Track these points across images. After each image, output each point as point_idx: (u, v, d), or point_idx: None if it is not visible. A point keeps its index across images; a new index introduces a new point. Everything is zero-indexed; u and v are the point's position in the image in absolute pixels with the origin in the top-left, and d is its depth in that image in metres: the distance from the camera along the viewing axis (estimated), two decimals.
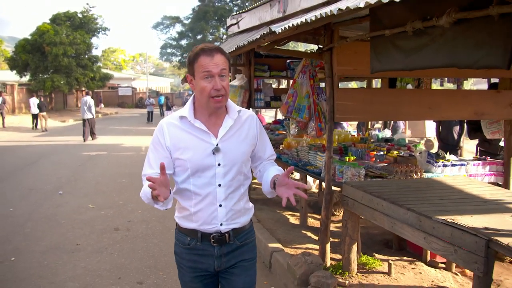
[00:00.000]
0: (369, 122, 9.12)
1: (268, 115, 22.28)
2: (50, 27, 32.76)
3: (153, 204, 2.24)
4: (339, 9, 2.77)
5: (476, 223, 3.04)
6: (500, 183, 5.42)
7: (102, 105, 42.73)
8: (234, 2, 41.93)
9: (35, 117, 23.80)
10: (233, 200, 2.36)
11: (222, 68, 2.19)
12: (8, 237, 5.94)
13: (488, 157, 5.77)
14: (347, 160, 5.73)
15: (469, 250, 2.87)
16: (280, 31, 3.65)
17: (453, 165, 5.28)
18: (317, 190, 7.91)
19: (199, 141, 2.29)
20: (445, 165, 5.23)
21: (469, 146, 10.43)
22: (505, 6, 2.24)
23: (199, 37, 41.16)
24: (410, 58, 3.27)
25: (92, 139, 18.33)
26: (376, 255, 5.17)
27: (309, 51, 5.32)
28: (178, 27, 43.98)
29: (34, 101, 23.45)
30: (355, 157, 6.12)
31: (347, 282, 4.43)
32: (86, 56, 35.74)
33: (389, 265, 4.72)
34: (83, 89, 38.12)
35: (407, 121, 10.76)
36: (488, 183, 5.25)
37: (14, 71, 33.21)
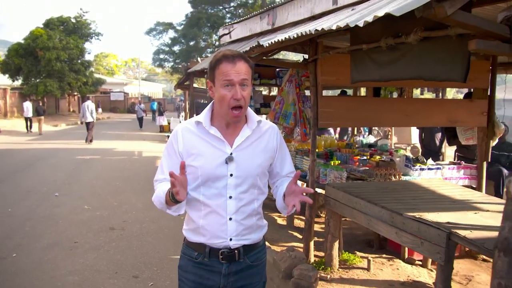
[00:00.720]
0: (355, 129, 9.51)
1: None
2: (44, 31, 32.94)
3: (166, 209, 2.20)
4: (316, 30, 3.13)
5: (440, 218, 3.40)
6: (474, 186, 5.80)
7: (100, 110, 42.92)
8: (227, 9, 42.33)
9: (28, 120, 24.13)
10: (244, 215, 2.23)
11: (243, 77, 2.10)
12: (9, 235, 6.22)
13: (463, 162, 6.15)
14: (332, 164, 6.08)
15: (433, 242, 3.23)
16: (267, 45, 4.01)
17: (429, 168, 5.65)
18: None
19: (213, 149, 2.20)
20: (422, 169, 5.60)
21: (451, 152, 10.81)
22: (461, 28, 2.60)
23: (192, 43, 41.46)
24: (384, 70, 3.64)
25: (90, 143, 18.83)
26: (358, 253, 5.52)
27: (297, 61, 5.64)
28: (171, 33, 44.23)
29: (27, 105, 23.85)
30: (339, 161, 6.48)
31: (328, 276, 4.78)
32: (79, 61, 35.91)
33: (368, 261, 5.07)
34: (75, 93, 38.38)
35: (393, 128, 11.13)
36: (462, 185, 5.63)
37: (7, 75, 33.26)
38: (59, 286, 4.59)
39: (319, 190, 5.75)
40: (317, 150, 7.09)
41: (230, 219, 2.19)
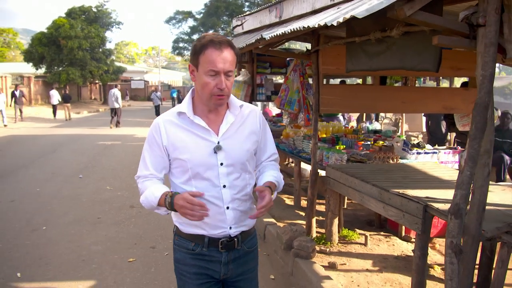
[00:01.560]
0: (364, 116, 9.89)
1: (276, 108, 23.03)
2: (66, 21, 33.71)
3: (155, 210, 2.19)
4: (309, 26, 3.54)
5: (421, 194, 3.80)
6: None
7: (128, 97, 43.78)
8: None
9: (54, 107, 25.60)
10: (240, 201, 2.23)
11: (229, 66, 2.04)
12: (38, 211, 6.80)
13: (459, 147, 6.51)
14: (338, 149, 6.50)
15: (412, 214, 3.64)
16: (268, 38, 4.43)
17: (426, 153, 6.04)
18: None
19: (199, 139, 2.16)
20: (418, 153, 5.99)
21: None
22: (424, 26, 2.99)
23: (210, 31, 41.73)
24: (373, 60, 4.04)
25: (116, 127, 20.35)
26: (357, 230, 5.94)
27: (302, 51, 6.04)
28: (190, 22, 44.52)
29: (53, 93, 25.51)
30: (344, 146, 6.90)
31: (328, 249, 5.22)
32: (100, 50, 36.68)
33: (366, 237, 5.50)
34: (97, 81, 39.18)
35: (403, 116, 11.44)
36: (457, 169, 6.00)
37: (31, 64, 34.16)
38: (84, 254, 5.13)
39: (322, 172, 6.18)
40: (324, 135, 7.58)
41: (228, 208, 2.18)
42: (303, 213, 6.76)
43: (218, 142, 2.16)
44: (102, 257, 5.07)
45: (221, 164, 2.16)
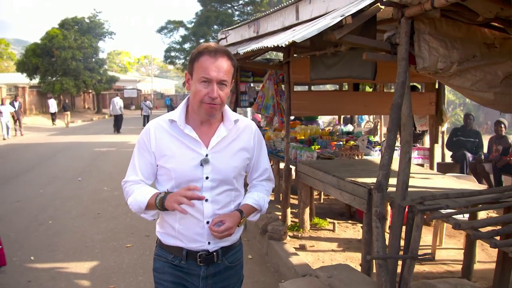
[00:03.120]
0: (341, 119, 10.71)
1: None
2: (59, 32, 34.39)
3: (142, 214, 2.16)
4: (264, 46, 4.34)
5: (370, 181, 4.58)
6: (427, 165, 6.97)
7: (134, 107, 44.65)
8: (235, 7, 43.41)
9: (53, 115, 27.75)
10: None
11: (223, 77, 1.99)
12: (43, 210, 7.55)
13: (418, 145, 7.32)
14: (312, 148, 7.28)
15: (360, 196, 4.42)
16: (242, 53, 5.23)
17: None
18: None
19: (187, 150, 2.10)
20: (380, 150, 6.78)
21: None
22: (352, 46, 3.79)
23: (201, 41, 42.55)
24: (329, 71, 4.84)
25: (119, 132, 22.34)
26: (328, 219, 6.71)
27: (275, 62, 6.84)
28: (182, 31, 45.23)
29: (52, 102, 27.70)
30: (319, 146, 7.68)
31: (300, 235, 6.00)
32: (93, 60, 37.36)
33: (334, 224, 6.28)
34: (90, 91, 39.82)
35: (382, 118, 12.25)
36: (416, 164, 6.80)
37: (24, 74, 34.71)
38: (87, 242, 5.89)
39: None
40: (302, 137, 8.37)
41: (207, 222, 2.11)
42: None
43: (206, 155, 2.10)
44: (103, 244, 5.83)
45: (207, 178, 2.10)
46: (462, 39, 3.48)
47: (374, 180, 4.65)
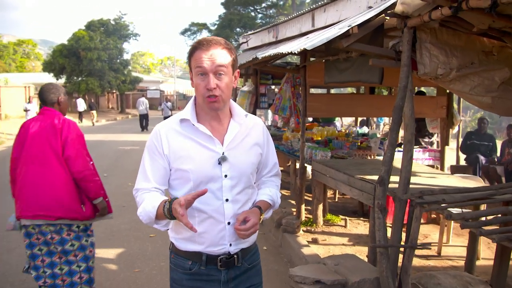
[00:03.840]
0: (358, 121, 11.02)
1: None
2: (85, 33, 35.32)
3: (153, 224, 2.06)
4: (279, 52, 4.71)
5: (376, 178, 4.89)
6: (438, 166, 7.24)
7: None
8: (258, 10, 43.82)
9: (80, 114, 29.20)
10: None
11: (218, 65, 1.95)
12: None
13: (429, 146, 7.59)
14: (328, 149, 7.62)
15: (368, 192, 4.74)
16: (261, 58, 5.60)
17: (399, 151, 7.11)
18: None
19: (203, 149, 2.05)
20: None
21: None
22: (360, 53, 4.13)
23: None
24: (341, 75, 5.19)
25: (147, 130, 23.30)
26: (341, 216, 7.04)
27: (293, 66, 7.20)
28: (205, 33, 45.72)
29: (80, 101, 29.39)
30: (335, 147, 8.01)
31: (313, 229, 6.34)
32: (118, 61, 38.22)
33: (346, 220, 6.61)
34: (114, 91, 40.67)
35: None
36: (427, 165, 7.07)
37: (51, 74, 35.71)
38: (114, 230, 6.35)
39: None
40: (319, 138, 8.70)
41: (229, 223, 2.07)
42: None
43: (223, 153, 2.06)
44: (128, 232, 6.27)
45: (225, 176, 2.06)
46: (462, 47, 3.79)
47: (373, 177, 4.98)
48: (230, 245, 2.11)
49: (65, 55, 34.65)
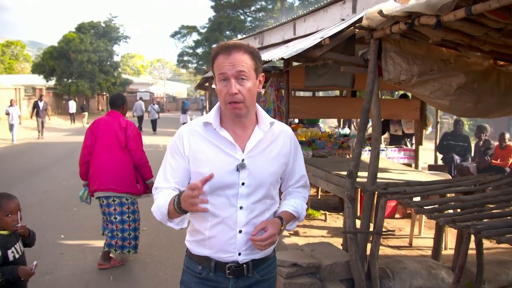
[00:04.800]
0: (341, 122, 11.55)
1: None
2: (76, 35, 35.55)
3: (167, 222, 2.03)
4: (268, 59, 5.17)
5: None
6: (412, 164, 7.76)
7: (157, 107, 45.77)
8: (248, 14, 44.29)
9: (72, 115, 30.35)
10: None
11: (239, 69, 1.91)
12: (68, 198, 8.45)
13: (404, 146, 8.11)
14: (310, 148, 8.11)
15: (342, 186, 5.22)
16: None
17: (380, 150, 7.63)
18: None
19: (223, 154, 2.03)
20: (369, 150, 7.57)
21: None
22: (331, 61, 4.62)
23: (214, 46, 43.25)
24: (319, 80, 5.68)
25: (141, 131, 23.44)
26: (321, 211, 7.51)
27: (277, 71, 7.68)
28: (195, 36, 45.96)
29: (71, 104, 30.07)
30: (318, 147, 8.50)
31: None
32: (108, 63, 38.47)
33: (325, 215, 7.09)
34: (104, 93, 40.88)
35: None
36: (402, 163, 7.58)
37: (41, 76, 35.98)
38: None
39: None
40: (303, 139, 9.19)
41: (240, 231, 2.03)
42: None
43: (243, 160, 2.02)
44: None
45: (243, 184, 2.02)
46: (422, 56, 4.29)
47: (360, 174, 5.46)
48: (239, 254, 2.06)
49: (55, 57, 34.88)
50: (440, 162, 9.85)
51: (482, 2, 2.75)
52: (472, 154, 9.75)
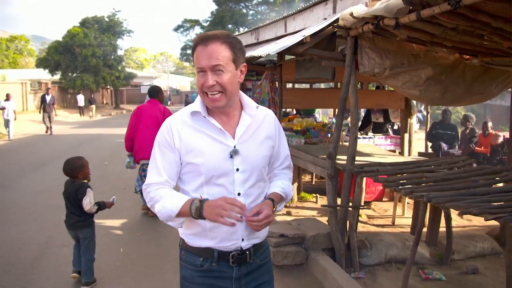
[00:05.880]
0: (334, 112, 12.09)
1: None
2: (80, 30, 35.98)
3: (170, 222, 2.06)
4: (259, 55, 5.75)
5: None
6: (399, 151, 8.34)
7: (170, 102, 46.67)
8: (250, 7, 44.68)
9: (81, 109, 31.13)
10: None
11: (215, 64, 1.90)
12: None
13: (391, 133, 8.68)
14: (302, 136, 8.69)
15: (326, 168, 5.81)
16: None
17: (364, 137, 8.21)
18: None
19: (214, 142, 2.03)
20: (358, 138, 8.14)
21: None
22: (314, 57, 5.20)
23: None
24: (307, 72, 6.25)
25: None
26: (314, 194, 8.10)
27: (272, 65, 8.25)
28: (198, 30, 46.30)
29: (80, 97, 30.96)
30: (311, 136, 9.08)
31: (288, 205, 7.40)
32: (112, 57, 38.90)
33: (317, 197, 7.69)
34: (108, 87, 41.44)
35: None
36: (389, 150, 8.16)
37: (47, 70, 36.48)
38: (119, 207, 7.31)
39: None
40: (299, 128, 9.77)
41: (241, 217, 1.96)
42: None
43: (235, 146, 2.03)
44: (130, 208, 7.35)
45: (237, 170, 2.04)
46: (394, 51, 4.85)
47: (343, 157, 6.05)
48: (243, 240, 2.09)
49: (60, 51, 35.33)
50: (430, 150, 10.40)
51: (428, 8, 3.32)
52: (459, 142, 10.29)
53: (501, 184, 4.65)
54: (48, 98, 19.99)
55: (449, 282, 4.77)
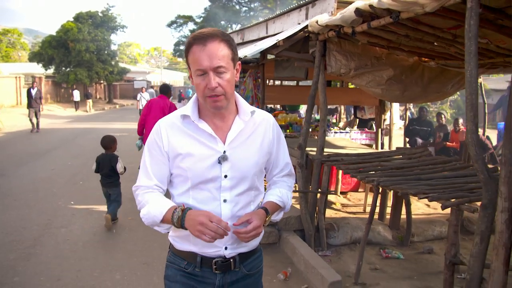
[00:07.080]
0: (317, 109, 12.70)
1: None
2: (74, 25, 36.06)
3: (156, 227, 1.99)
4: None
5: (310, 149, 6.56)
6: (373, 145, 8.95)
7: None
8: (242, 4, 45.05)
9: (76, 103, 31.63)
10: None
11: (217, 61, 1.80)
12: (74, 175, 9.65)
13: (366, 129, 9.30)
14: (288, 132, 9.28)
15: (297, 158, 6.40)
16: None
17: (341, 132, 8.82)
18: None
19: (203, 147, 1.96)
20: (335, 132, 8.76)
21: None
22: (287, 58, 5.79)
23: None
24: (284, 71, 6.85)
25: None
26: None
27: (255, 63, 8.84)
28: (191, 26, 46.52)
29: (75, 92, 31.51)
30: (294, 130, 9.67)
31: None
32: (106, 52, 39.10)
33: (295, 187, 8.26)
34: (102, 81, 41.72)
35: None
36: (364, 144, 8.77)
37: (40, 64, 36.70)
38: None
39: None
40: (283, 123, 10.34)
41: None
42: None
43: (224, 152, 1.97)
44: (124, 195, 7.88)
45: (225, 176, 1.97)
46: (359, 53, 5.45)
47: (315, 149, 6.65)
48: (226, 248, 2.02)
49: (54, 46, 35.43)
50: (408, 146, 11.02)
51: (376, 19, 3.92)
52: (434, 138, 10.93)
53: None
54: (33, 92, 18.10)
55: (406, 260, 5.40)
